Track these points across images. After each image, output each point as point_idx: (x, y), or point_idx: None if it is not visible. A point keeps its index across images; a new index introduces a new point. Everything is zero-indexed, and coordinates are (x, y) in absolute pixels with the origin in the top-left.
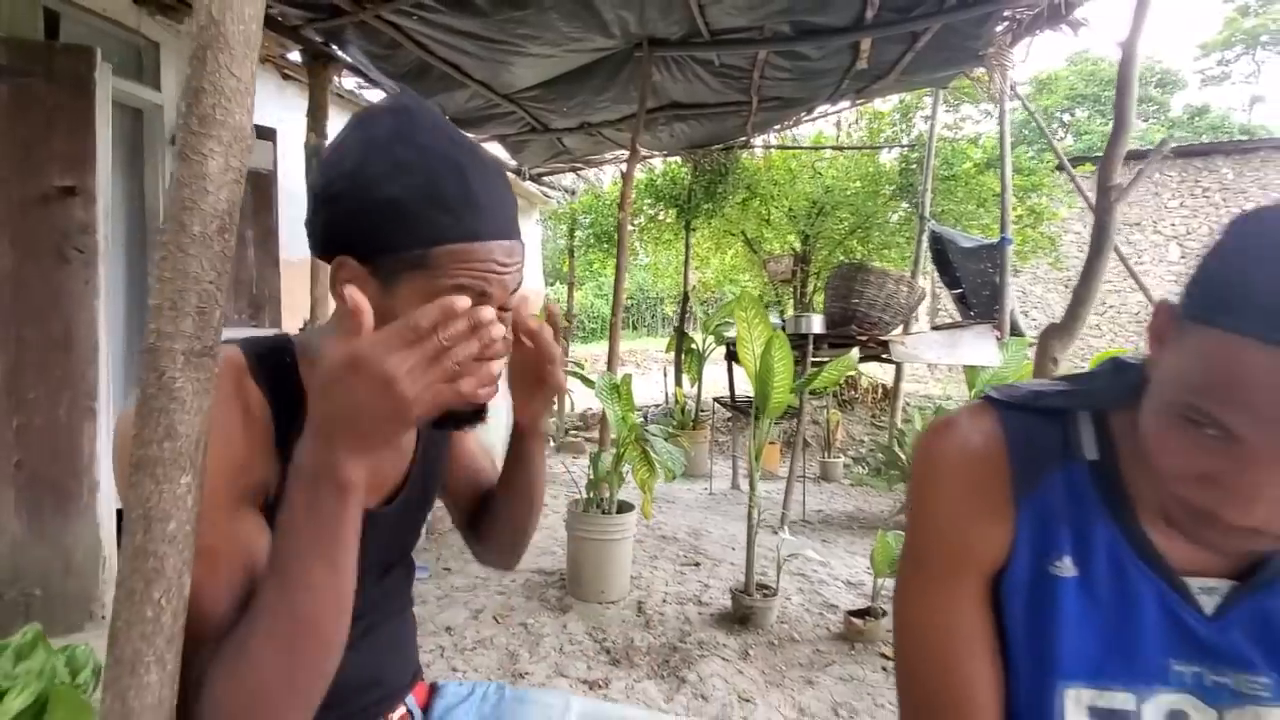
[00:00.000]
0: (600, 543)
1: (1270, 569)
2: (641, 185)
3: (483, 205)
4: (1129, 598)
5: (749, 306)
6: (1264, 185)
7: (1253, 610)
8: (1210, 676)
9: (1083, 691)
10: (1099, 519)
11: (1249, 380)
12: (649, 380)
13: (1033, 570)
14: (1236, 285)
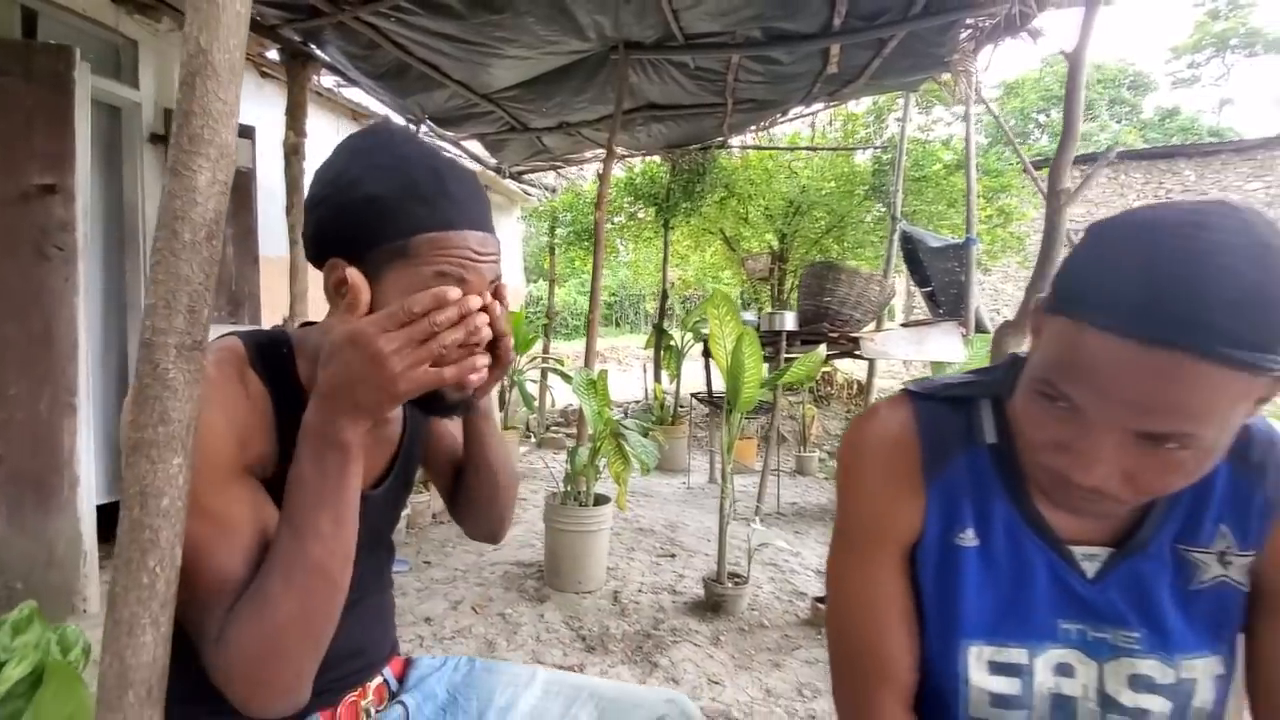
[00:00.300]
0: (577, 534)
1: (1140, 537)
2: (621, 184)
3: (457, 197)
4: (1023, 565)
5: (721, 304)
6: (1223, 187)
7: (1127, 573)
8: (1092, 633)
9: (983, 648)
10: (997, 496)
11: (1087, 360)
12: (630, 376)
13: (940, 542)
14: (1081, 281)
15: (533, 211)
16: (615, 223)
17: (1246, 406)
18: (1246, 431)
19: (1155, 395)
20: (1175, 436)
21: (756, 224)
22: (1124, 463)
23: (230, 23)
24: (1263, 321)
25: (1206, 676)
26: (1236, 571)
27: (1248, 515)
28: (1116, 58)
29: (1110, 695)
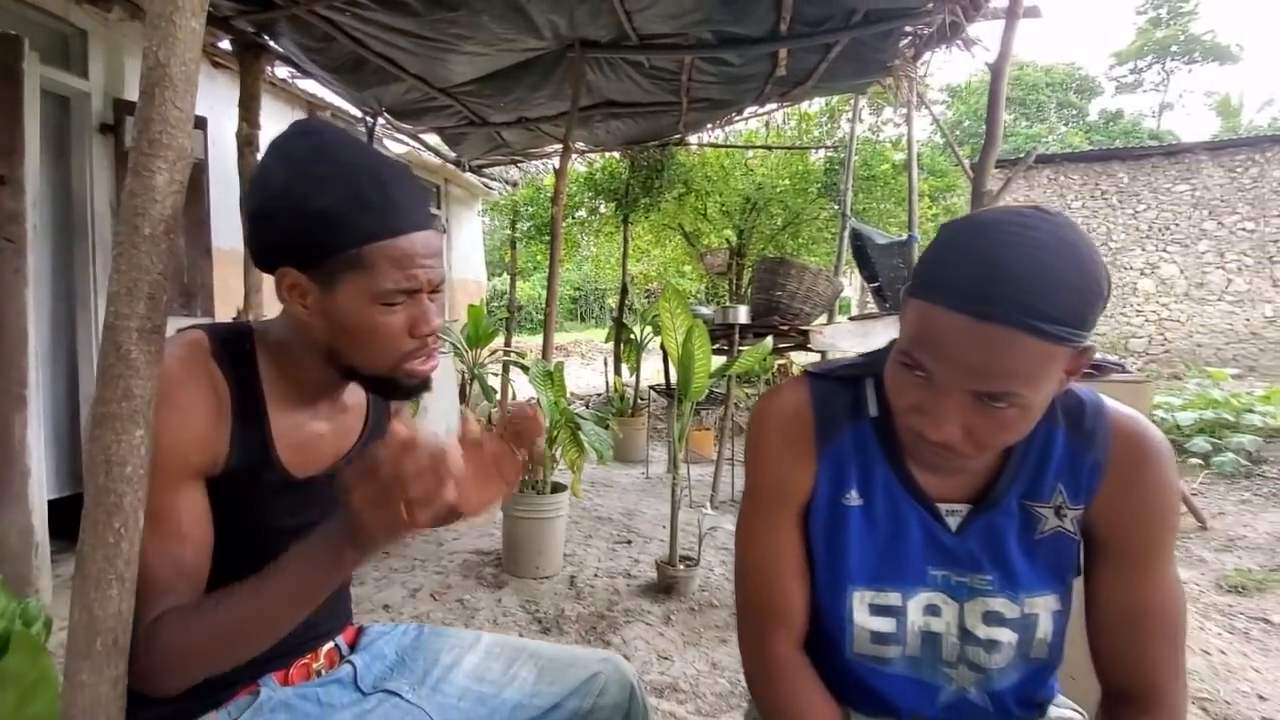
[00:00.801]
0: (534, 521)
1: (994, 494)
2: (581, 179)
3: (401, 203)
4: (898, 521)
5: (672, 298)
6: (1154, 189)
7: (983, 525)
8: (955, 578)
9: (865, 593)
10: (878, 462)
11: (935, 334)
12: (592, 370)
13: (829, 502)
14: (930, 270)
15: (493, 205)
16: (576, 218)
17: (1058, 374)
18: (1080, 404)
19: (986, 361)
20: (1004, 396)
21: (715, 220)
22: (966, 420)
23: (186, 39)
24: (1064, 301)
25: (1046, 612)
26: (1070, 523)
27: (1079, 475)
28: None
29: (968, 629)
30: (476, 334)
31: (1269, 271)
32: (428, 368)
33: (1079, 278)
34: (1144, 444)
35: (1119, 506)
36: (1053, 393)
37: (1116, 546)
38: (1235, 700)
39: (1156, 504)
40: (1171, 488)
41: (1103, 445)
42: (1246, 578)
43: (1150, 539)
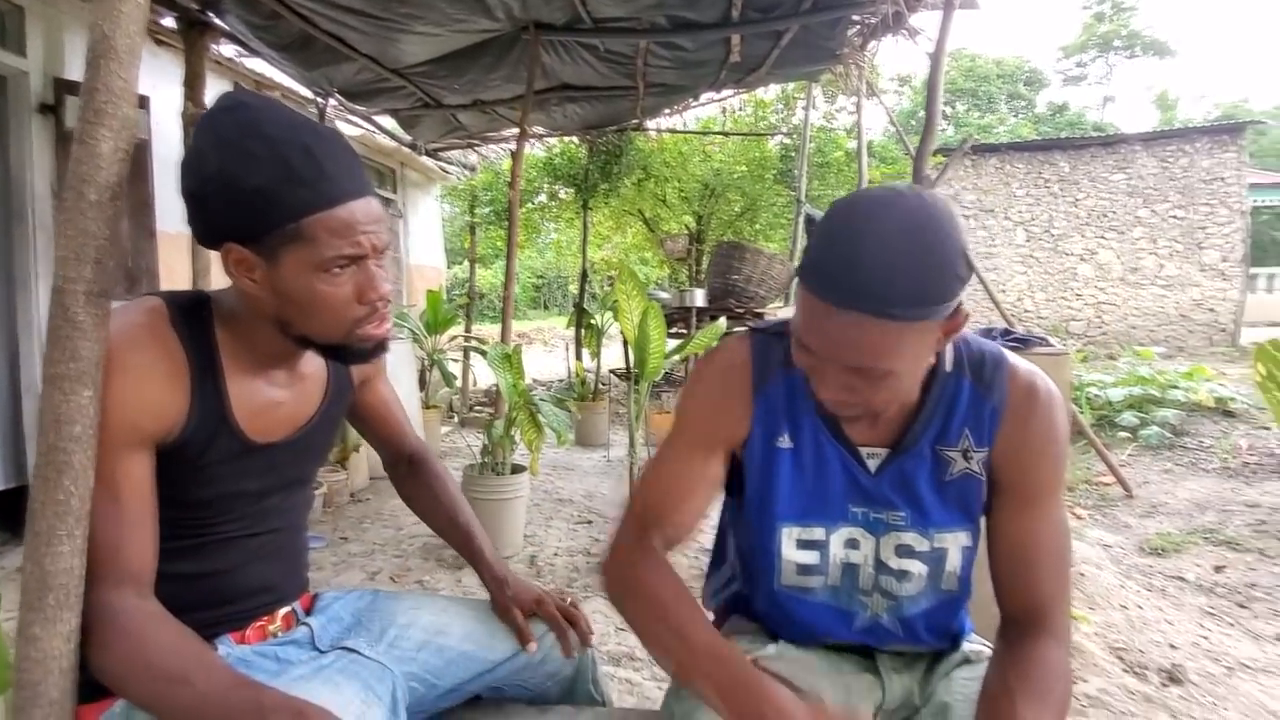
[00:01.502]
0: (494, 502)
1: (907, 439)
2: (540, 164)
3: (334, 174)
4: (824, 463)
5: (628, 280)
6: (1093, 178)
7: (898, 468)
8: (872, 514)
9: (793, 528)
10: (807, 410)
11: (809, 315)
12: (555, 356)
13: (763, 444)
14: (805, 255)
15: (451, 190)
16: (536, 203)
17: (928, 342)
18: (983, 356)
19: (851, 342)
20: (876, 371)
21: (674, 206)
22: (848, 384)
23: (130, 11)
24: (913, 285)
25: (955, 546)
26: (976, 465)
27: (981, 420)
28: (1016, 55)
29: (883, 560)
30: (435, 320)
31: (1197, 257)
32: (381, 331)
33: (929, 258)
34: (1035, 393)
35: (1013, 449)
36: (928, 356)
37: (1010, 485)
38: (1149, 649)
39: (1044, 447)
40: (1058, 433)
41: (1001, 394)
42: (1166, 540)
43: (1039, 478)
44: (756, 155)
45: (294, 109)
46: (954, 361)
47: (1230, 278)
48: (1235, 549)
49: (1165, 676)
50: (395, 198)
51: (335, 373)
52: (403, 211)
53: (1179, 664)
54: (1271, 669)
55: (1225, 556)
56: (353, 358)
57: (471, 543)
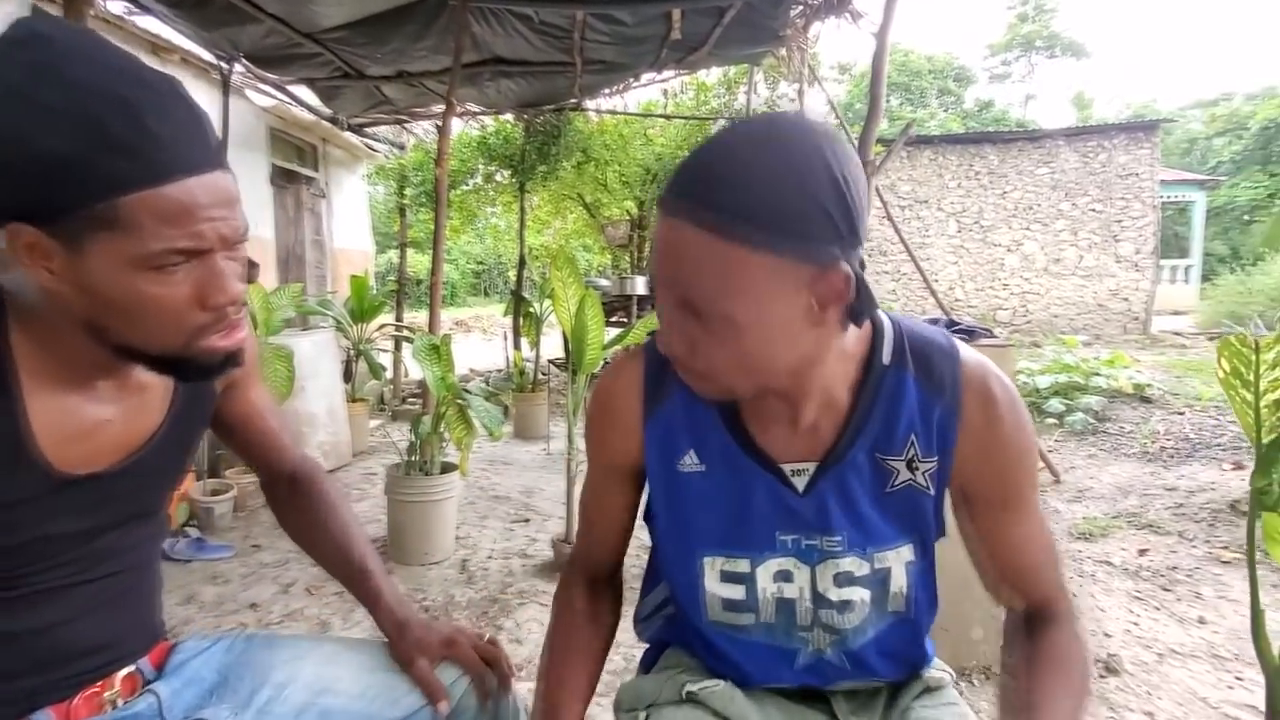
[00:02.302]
0: (422, 504)
1: (839, 449)
2: (474, 144)
3: (163, 137)
4: (742, 486)
5: (564, 266)
6: (1019, 171)
7: (831, 483)
8: (805, 541)
9: (715, 559)
10: (714, 426)
11: (653, 239)
12: (495, 345)
13: (663, 469)
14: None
15: (379, 169)
16: (471, 185)
17: (786, 292)
18: (928, 346)
19: (671, 256)
20: (709, 312)
21: (615, 190)
22: (687, 332)
23: None
24: (749, 194)
25: (899, 564)
26: (923, 477)
27: (930, 425)
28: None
29: (821, 593)
30: (361, 308)
31: (1113, 249)
32: (230, 342)
33: (783, 172)
34: (991, 391)
35: (981, 459)
36: (786, 316)
37: (986, 496)
38: (1086, 639)
39: (1014, 451)
40: (1025, 433)
41: (954, 393)
42: (1093, 525)
43: (1016, 483)
44: (699, 139)
45: (114, 45)
46: (893, 351)
47: (1143, 269)
48: (1157, 532)
49: (1103, 667)
50: (317, 176)
51: (184, 387)
52: (325, 191)
53: (1114, 654)
54: (1198, 654)
55: (1148, 540)
56: (192, 374)
57: (367, 581)
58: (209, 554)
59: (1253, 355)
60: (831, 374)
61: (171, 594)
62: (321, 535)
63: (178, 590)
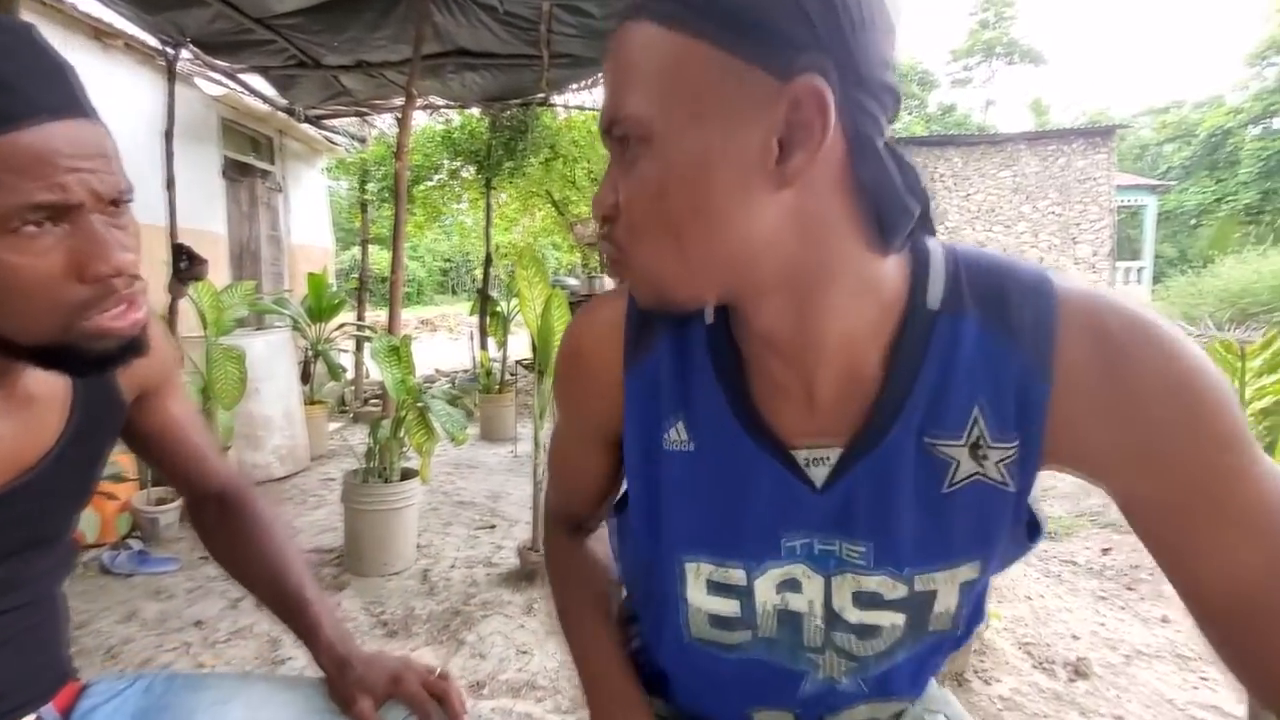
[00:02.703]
0: (381, 513)
1: (875, 427)
2: (438, 138)
3: (9, 79)
4: (739, 473)
5: (530, 266)
6: (982, 174)
7: (862, 477)
8: (819, 545)
9: (702, 565)
10: (708, 386)
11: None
12: (462, 345)
13: (641, 443)
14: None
15: (340, 163)
16: (435, 181)
17: (736, 109)
18: (1005, 279)
19: (614, 77)
20: (623, 122)
21: (584, 188)
22: (620, 174)
23: None
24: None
25: (950, 585)
26: (997, 469)
27: (1004, 389)
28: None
29: (836, 612)
30: (319, 306)
31: (1072, 250)
32: (125, 323)
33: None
34: (1108, 330)
35: (1108, 435)
36: (726, 144)
37: (1143, 492)
38: (1055, 642)
39: (1172, 409)
40: (1186, 384)
41: (1044, 339)
42: (1058, 524)
43: (1191, 464)
44: None
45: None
46: (947, 291)
47: (1099, 270)
48: (1119, 531)
49: (1072, 670)
50: (273, 169)
51: (86, 389)
52: (282, 185)
53: (1083, 657)
54: (1163, 654)
55: (1111, 539)
56: (84, 367)
57: (304, 612)
58: (152, 567)
59: (1239, 362)
60: (856, 321)
61: (111, 611)
62: (253, 561)
63: (118, 607)
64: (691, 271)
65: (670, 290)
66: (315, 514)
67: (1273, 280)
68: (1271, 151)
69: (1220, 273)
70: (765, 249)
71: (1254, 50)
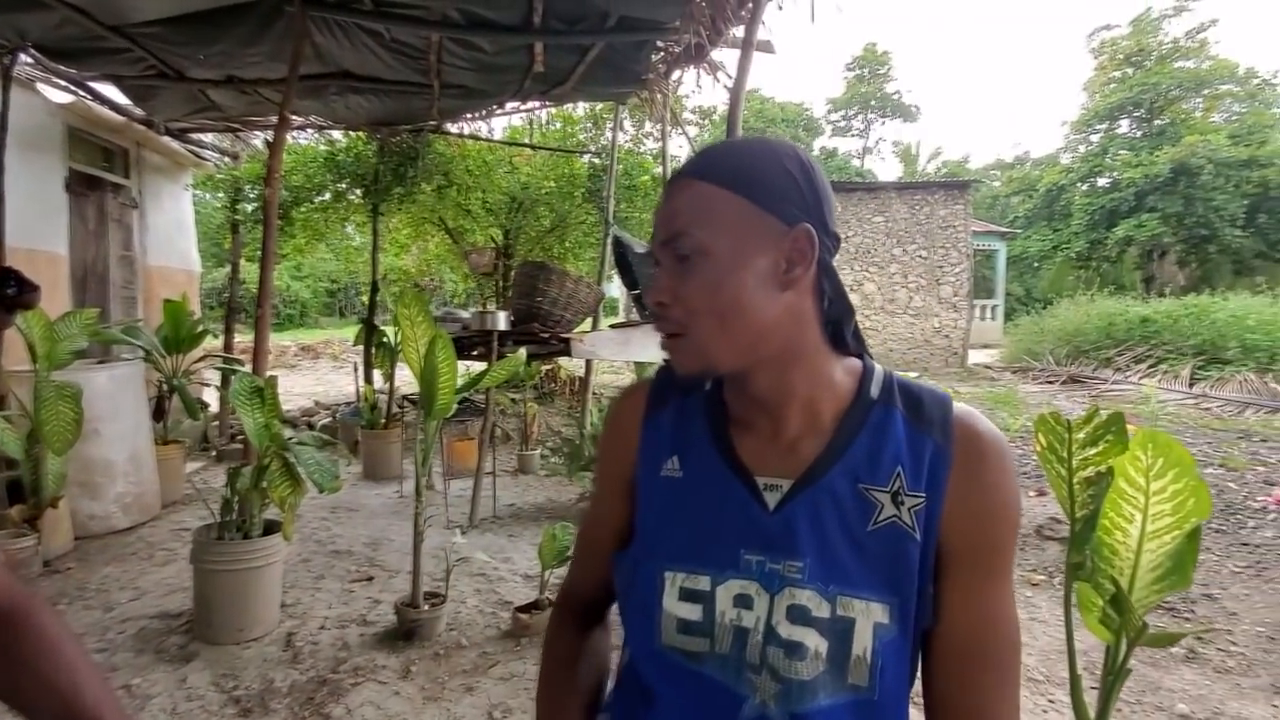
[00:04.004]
0: (237, 573)
1: (817, 468)
2: (321, 159)
3: None
4: (714, 495)
5: (411, 304)
6: (859, 219)
7: (804, 505)
8: (769, 564)
9: (677, 574)
10: (701, 432)
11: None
12: (346, 374)
13: (649, 474)
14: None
15: (207, 179)
16: (318, 202)
17: (757, 240)
18: (919, 391)
19: (669, 213)
20: (680, 238)
21: (479, 217)
22: (672, 276)
23: None
24: (730, 165)
25: (866, 620)
26: (909, 515)
27: (920, 458)
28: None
29: (773, 626)
30: (177, 336)
31: (936, 291)
32: None
33: (758, 158)
34: (983, 438)
35: (967, 508)
36: (754, 263)
37: (960, 555)
38: None
39: (1002, 503)
40: (1014, 487)
41: (944, 434)
42: None
43: (996, 546)
44: (566, 171)
45: None
46: (882, 389)
47: (960, 309)
48: None
49: None
50: (128, 183)
51: None
52: (138, 201)
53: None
54: None
55: None
56: None
57: None
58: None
59: (1066, 434)
60: (816, 391)
61: None
62: (39, 690)
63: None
64: (732, 345)
65: (714, 357)
66: (163, 571)
67: (1099, 322)
68: (1096, 206)
69: (1058, 314)
70: (771, 332)
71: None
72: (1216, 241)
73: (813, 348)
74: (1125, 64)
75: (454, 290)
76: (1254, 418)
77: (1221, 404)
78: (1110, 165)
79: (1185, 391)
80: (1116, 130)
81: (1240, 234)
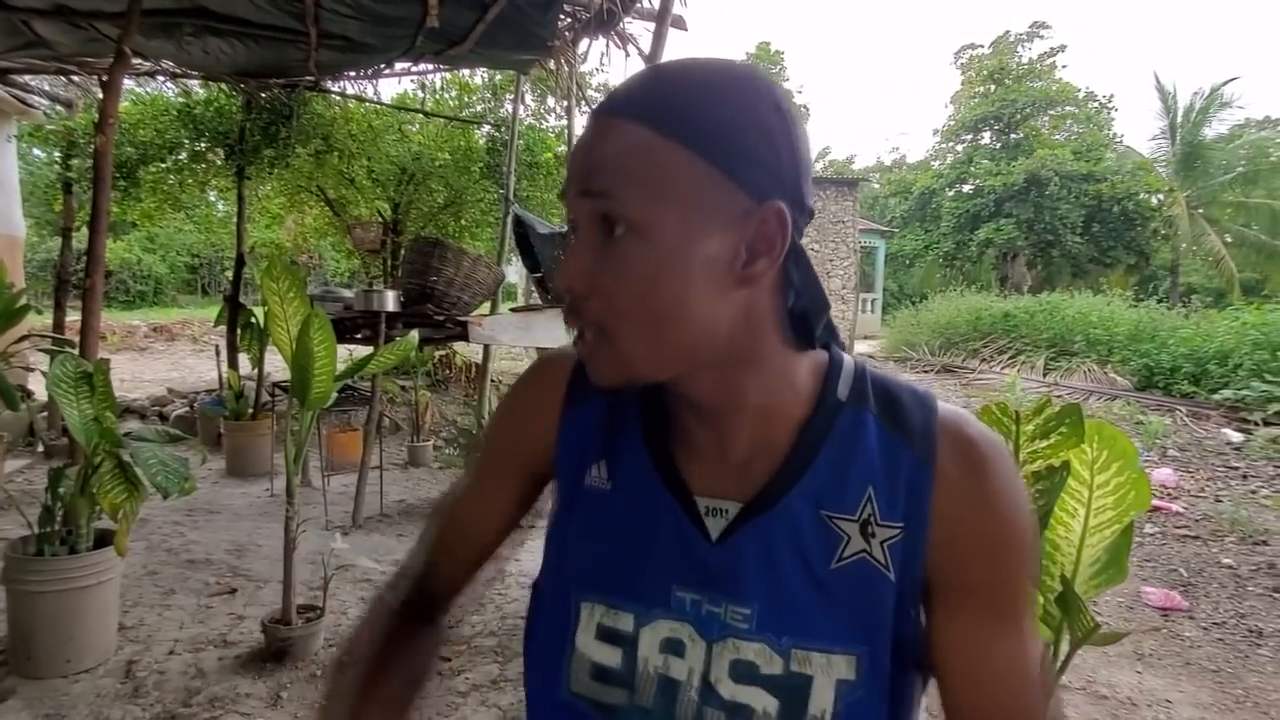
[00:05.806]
0: (61, 594)
1: (770, 492)
2: (176, 112)
3: None
4: (645, 516)
5: (280, 277)
6: None
7: (754, 535)
8: (707, 605)
9: (596, 608)
10: (633, 435)
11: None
12: (206, 359)
13: (570, 476)
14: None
15: (36, 130)
16: (172, 162)
17: (715, 219)
18: (894, 390)
19: (595, 161)
20: (625, 220)
21: (364, 188)
22: (593, 256)
23: None
24: (670, 91)
25: (826, 677)
26: (881, 550)
27: (895, 478)
28: None
29: (711, 683)
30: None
31: (827, 283)
32: None
33: (728, 103)
34: (975, 444)
35: (959, 532)
36: (705, 250)
37: (962, 586)
38: None
39: (1008, 526)
40: (1022, 505)
41: (926, 443)
42: None
43: (1008, 574)
44: (462, 144)
45: None
46: (852, 389)
47: (848, 301)
48: None
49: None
50: None
51: None
52: None
53: None
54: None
55: None
56: None
57: None
58: None
59: (1013, 425)
60: (772, 399)
61: None
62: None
63: None
64: (664, 355)
65: (640, 369)
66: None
67: (968, 316)
68: (962, 210)
69: (932, 308)
70: (717, 337)
71: (947, 128)
72: (1060, 246)
73: (770, 350)
74: (988, 80)
75: (336, 268)
76: (1097, 404)
77: (1070, 391)
78: (974, 173)
79: (1040, 380)
80: (980, 141)
81: (1078, 240)
